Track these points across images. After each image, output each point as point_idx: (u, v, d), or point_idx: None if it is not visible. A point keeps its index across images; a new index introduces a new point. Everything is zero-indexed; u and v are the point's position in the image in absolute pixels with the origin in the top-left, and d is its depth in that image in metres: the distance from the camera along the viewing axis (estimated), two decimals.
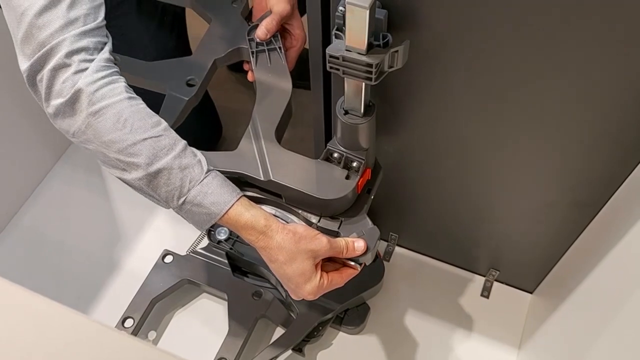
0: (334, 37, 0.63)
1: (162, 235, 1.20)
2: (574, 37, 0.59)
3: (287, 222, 0.75)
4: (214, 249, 1.08)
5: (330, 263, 0.76)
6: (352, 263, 0.75)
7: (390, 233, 1.13)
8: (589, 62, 0.61)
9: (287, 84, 0.85)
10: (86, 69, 0.63)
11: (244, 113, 1.36)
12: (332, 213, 0.79)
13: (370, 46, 0.61)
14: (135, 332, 1.01)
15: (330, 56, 0.62)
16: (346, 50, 0.62)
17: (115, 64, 0.68)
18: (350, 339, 1.07)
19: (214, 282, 1.06)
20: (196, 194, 0.68)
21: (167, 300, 1.08)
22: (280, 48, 0.87)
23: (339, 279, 0.75)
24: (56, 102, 0.64)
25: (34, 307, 0.56)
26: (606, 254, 0.74)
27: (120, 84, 0.66)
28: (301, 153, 0.80)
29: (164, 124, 0.68)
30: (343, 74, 0.63)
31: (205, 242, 1.12)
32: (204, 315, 1.10)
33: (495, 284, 1.11)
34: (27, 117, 1.20)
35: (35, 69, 0.63)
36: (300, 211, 0.79)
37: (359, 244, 0.74)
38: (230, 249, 1.07)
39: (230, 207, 0.69)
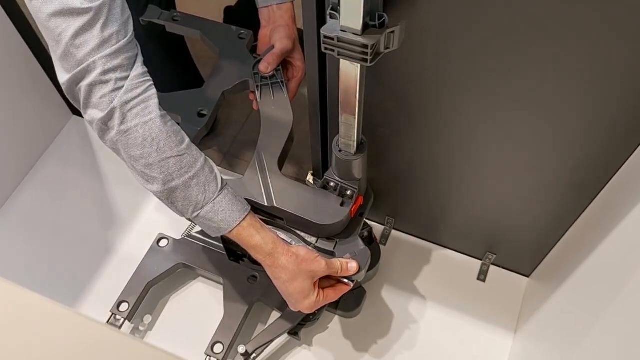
0: (328, 17, 0.61)
1: (157, 219, 1.19)
2: (575, 18, 0.58)
3: (290, 242, 0.86)
4: None
5: (326, 280, 0.85)
6: (346, 280, 0.86)
7: (387, 217, 1.13)
8: (590, 43, 0.61)
9: (288, 116, 0.94)
10: (122, 87, 0.69)
11: (238, 98, 1.34)
12: (328, 235, 0.88)
13: (365, 26, 0.60)
14: (130, 317, 1.01)
15: (325, 37, 0.61)
16: (341, 30, 0.60)
17: (149, 74, 0.72)
18: (346, 322, 1.07)
19: (210, 266, 1.05)
20: (208, 210, 0.76)
21: (163, 285, 1.08)
22: (282, 82, 0.96)
23: (334, 294, 0.85)
24: (93, 113, 0.70)
25: (22, 302, 0.55)
26: (604, 238, 0.74)
27: (153, 101, 0.71)
28: (298, 141, 0.83)
29: (187, 141, 0.74)
30: (338, 55, 0.62)
31: None
32: (199, 299, 1.09)
33: (492, 267, 1.11)
34: (21, 99, 1.19)
35: (74, 82, 0.68)
36: (299, 232, 0.89)
37: (352, 265, 0.84)
38: None
39: (237, 225, 0.78)
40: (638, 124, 0.67)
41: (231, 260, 1.05)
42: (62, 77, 0.69)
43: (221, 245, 1.05)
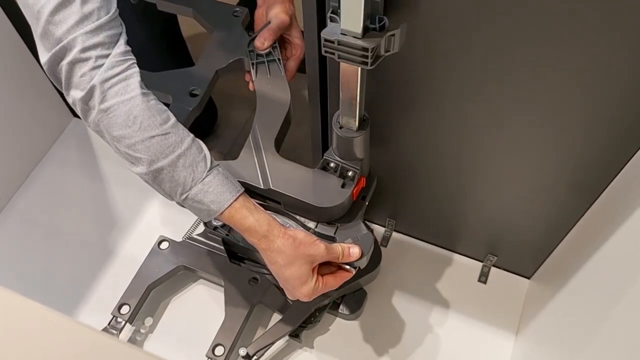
0: (329, 20, 0.61)
1: (157, 221, 1.19)
2: (575, 19, 0.58)
3: (287, 226, 0.79)
4: (210, 235, 1.08)
5: (326, 266, 0.80)
6: (347, 267, 0.80)
7: (388, 218, 1.13)
8: (590, 44, 0.60)
9: (285, 95, 0.89)
10: (102, 64, 0.66)
11: (239, 97, 1.35)
12: (328, 219, 0.84)
13: (366, 30, 0.60)
14: (131, 319, 1.01)
15: (326, 40, 0.61)
16: (341, 33, 0.60)
17: (132, 54, 0.70)
18: (347, 324, 1.07)
19: (211, 268, 1.05)
20: (197, 191, 0.72)
21: (164, 287, 1.08)
22: (279, 59, 0.91)
23: (334, 281, 0.80)
24: (75, 94, 0.67)
25: (17, 310, 0.55)
26: (606, 239, 0.74)
27: (134, 79, 0.68)
28: (298, 142, 0.81)
29: (173, 119, 0.71)
30: (338, 58, 0.62)
31: (201, 228, 1.11)
32: (200, 301, 1.09)
33: (493, 269, 1.11)
34: (21, 101, 1.19)
35: (54, 61, 0.66)
36: (298, 217, 0.84)
37: (355, 250, 0.79)
38: (227, 235, 1.07)
39: (228, 206, 0.73)
40: (638, 125, 0.67)
41: (232, 263, 1.05)
42: (43, 56, 0.67)
43: (222, 247, 1.05)
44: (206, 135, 1.31)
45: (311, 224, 0.84)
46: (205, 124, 1.30)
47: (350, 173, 0.81)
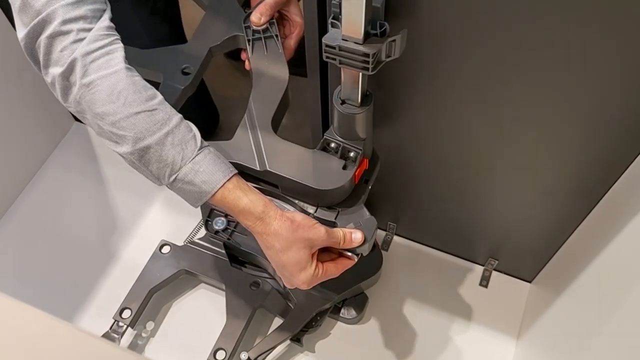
0: (330, 26, 0.62)
1: (159, 226, 1.19)
2: (576, 25, 0.58)
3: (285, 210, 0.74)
4: (212, 239, 1.08)
5: (326, 253, 0.75)
6: (349, 254, 0.75)
7: (389, 222, 1.13)
8: (591, 51, 0.61)
9: (283, 73, 0.84)
10: (84, 38, 0.63)
11: (240, 101, 1.36)
12: (329, 203, 0.78)
13: (367, 35, 0.60)
14: (132, 323, 1.01)
15: (327, 46, 0.62)
16: (343, 39, 0.61)
17: (116, 31, 0.67)
18: (348, 328, 1.07)
19: (212, 272, 1.05)
20: (187, 171, 0.67)
21: (165, 291, 1.08)
22: (276, 36, 0.86)
23: (335, 269, 0.75)
24: (54, 70, 0.64)
25: (17, 316, 0.55)
26: (607, 243, 0.74)
27: (118, 53, 0.65)
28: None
29: (159, 97, 0.67)
30: (340, 63, 0.63)
31: (202, 232, 1.12)
32: (201, 305, 1.09)
33: (494, 273, 1.11)
34: (23, 106, 1.19)
35: (32, 36, 0.63)
36: (296, 201, 0.79)
37: (357, 235, 0.74)
38: (228, 239, 1.07)
39: (221, 186, 0.68)
40: (638, 131, 0.67)
41: (233, 267, 1.05)
42: (21, 32, 0.63)
43: (223, 251, 1.06)
44: (207, 138, 1.30)
45: (310, 209, 0.79)
46: (206, 128, 1.30)
47: (352, 154, 0.76)
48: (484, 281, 1.11)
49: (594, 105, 0.67)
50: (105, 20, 0.65)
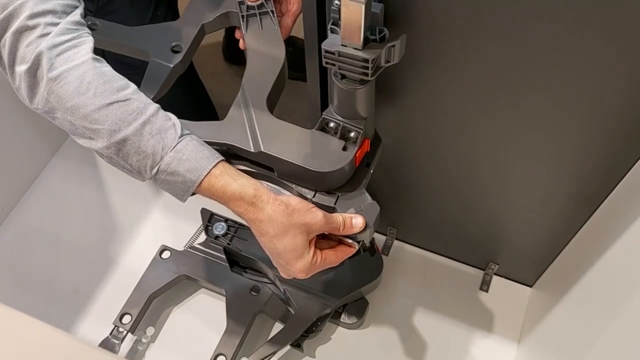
0: (329, 31, 0.62)
1: (159, 231, 1.19)
2: (577, 31, 0.58)
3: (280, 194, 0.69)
4: (212, 244, 1.08)
5: (324, 240, 0.71)
6: (350, 241, 0.71)
7: (389, 227, 1.13)
8: (592, 56, 0.61)
9: (279, 51, 0.80)
10: (51, 32, 0.60)
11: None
12: (328, 187, 0.73)
13: (366, 41, 0.60)
14: (132, 329, 1.01)
15: (326, 51, 0.62)
16: (342, 45, 0.61)
17: (91, 25, 0.65)
18: (349, 333, 1.07)
19: (212, 277, 1.05)
20: (170, 160, 0.63)
21: (165, 296, 1.07)
22: (272, 12, 0.82)
23: (334, 257, 0.70)
24: (20, 68, 0.61)
25: (15, 326, 0.54)
26: (607, 248, 0.74)
27: (86, 45, 0.62)
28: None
29: (133, 87, 0.64)
30: (339, 69, 0.63)
31: (202, 237, 1.12)
32: (202, 311, 1.09)
33: (495, 277, 1.11)
34: (22, 112, 1.19)
35: None
36: (293, 186, 0.74)
37: (358, 221, 0.69)
38: (228, 244, 1.07)
39: (207, 173, 0.64)
40: (639, 135, 0.67)
41: (233, 272, 1.05)
42: None
43: (223, 256, 1.05)
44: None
45: (308, 194, 0.73)
46: None
47: (352, 134, 0.70)
48: (485, 285, 1.10)
49: (595, 110, 0.67)
50: (76, 15, 0.63)
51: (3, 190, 1.21)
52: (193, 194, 0.67)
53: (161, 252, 1.08)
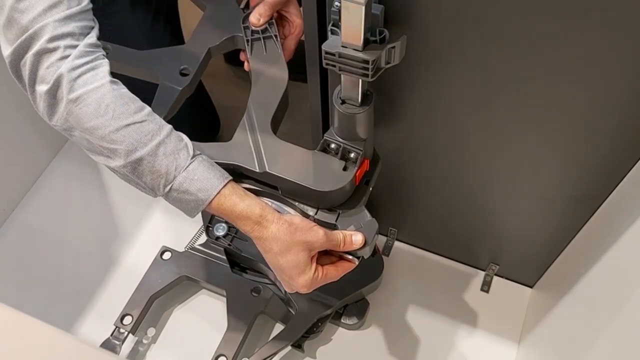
0: (329, 33, 0.62)
1: (160, 232, 1.19)
2: (575, 32, 0.59)
3: (284, 213, 0.74)
4: (213, 245, 1.08)
5: (326, 256, 0.74)
6: (350, 257, 0.74)
7: (390, 228, 1.13)
8: (590, 58, 0.61)
9: (283, 73, 0.83)
10: (70, 55, 0.62)
11: (242, 108, 1.35)
12: (329, 205, 0.77)
13: (366, 42, 0.60)
14: (134, 330, 1.01)
15: (326, 52, 0.62)
16: (342, 46, 0.61)
17: (102, 49, 0.66)
18: (349, 334, 1.07)
19: (213, 278, 1.05)
20: (182, 180, 0.67)
21: (166, 297, 1.08)
22: (276, 36, 0.85)
23: (335, 272, 0.74)
24: (40, 88, 0.63)
25: (17, 327, 0.54)
26: (607, 248, 0.74)
27: (103, 68, 0.65)
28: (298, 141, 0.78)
29: (148, 109, 0.67)
30: (339, 70, 0.63)
31: (203, 238, 1.12)
32: (202, 311, 1.09)
33: (495, 278, 1.11)
34: (24, 113, 1.19)
35: (18, 54, 0.62)
36: (296, 203, 0.78)
37: (357, 238, 0.73)
38: (229, 245, 1.07)
39: (217, 193, 0.68)
40: (638, 136, 0.67)
41: (234, 273, 1.05)
42: (6, 49, 0.62)
43: (224, 257, 1.06)
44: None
45: (311, 211, 0.77)
46: (207, 135, 1.31)
47: (352, 155, 0.74)
48: (485, 286, 1.10)
49: (594, 113, 0.67)
50: (92, 37, 0.65)
51: (4, 191, 1.21)
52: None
53: (162, 253, 1.08)
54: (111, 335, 1.01)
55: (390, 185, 0.98)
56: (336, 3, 0.58)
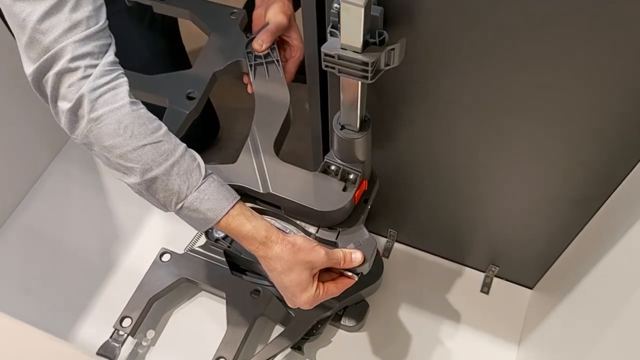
0: (329, 35, 0.62)
1: (159, 234, 1.19)
2: (579, 34, 0.59)
3: (287, 232, 0.78)
4: (212, 247, 1.08)
5: (327, 273, 0.78)
6: (350, 273, 0.78)
7: (389, 229, 1.13)
8: (591, 57, 0.61)
9: (285, 97, 0.87)
10: (91, 74, 0.65)
11: (241, 110, 1.36)
12: (330, 224, 0.81)
13: (366, 44, 0.60)
14: (133, 332, 1.01)
15: (326, 55, 0.62)
16: (341, 48, 0.61)
17: (120, 65, 0.69)
18: (349, 336, 1.07)
19: (212, 280, 1.05)
20: (193, 200, 0.70)
21: (165, 299, 1.07)
22: (277, 61, 0.89)
23: (335, 288, 0.77)
24: (62, 105, 0.65)
25: (13, 335, 0.54)
26: (607, 250, 0.74)
27: (123, 88, 0.67)
28: (300, 152, 0.81)
29: (164, 128, 0.69)
30: (339, 72, 0.63)
31: (203, 240, 1.12)
32: (202, 314, 1.09)
33: (495, 279, 1.11)
34: (23, 114, 1.19)
35: (41, 72, 0.64)
36: (298, 222, 0.82)
37: (357, 255, 0.77)
38: (228, 247, 1.07)
39: (226, 214, 0.71)
40: (639, 139, 0.67)
41: (234, 275, 1.05)
42: (28, 68, 0.65)
43: (224, 259, 1.05)
44: (208, 147, 1.31)
45: (312, 229, 0.82)
46: (207, 136, 1.30)
47: (351, 176, 0.79)
48: (485, 288, 1.10)
49: (594, 115, 0.67)
50: (111, 55, 0.67)
51: (3, 192, 1.21)
52: None
53: (161, 255, 1.08)
54: (110, 337, 1.01)
55: (390, 187, 0.98)
56: (335, 5, 0.58)
